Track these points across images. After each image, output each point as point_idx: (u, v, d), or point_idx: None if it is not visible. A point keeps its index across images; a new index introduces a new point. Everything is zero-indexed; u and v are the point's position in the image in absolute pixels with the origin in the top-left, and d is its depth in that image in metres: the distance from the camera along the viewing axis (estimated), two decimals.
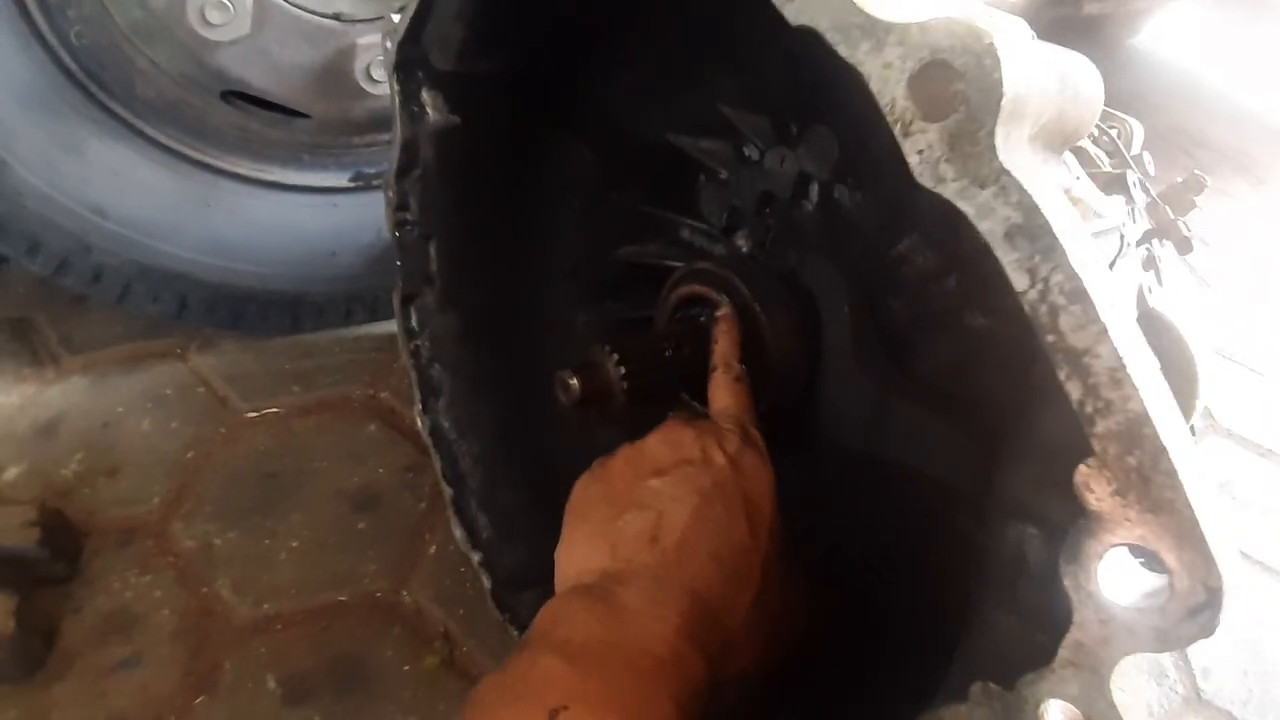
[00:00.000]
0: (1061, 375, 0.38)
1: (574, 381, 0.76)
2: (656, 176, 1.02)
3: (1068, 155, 0.88)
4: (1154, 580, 0.37)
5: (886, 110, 0.41)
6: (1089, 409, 0.37)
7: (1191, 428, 1.13)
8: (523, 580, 1.01)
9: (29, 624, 1.06)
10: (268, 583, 1.13)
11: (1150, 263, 1.15)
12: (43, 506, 1.14)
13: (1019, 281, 0.38)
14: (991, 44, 0.37)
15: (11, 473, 1.27)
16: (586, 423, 1.06)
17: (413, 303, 1.04)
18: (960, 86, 0.38)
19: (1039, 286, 0.38)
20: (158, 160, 1.24)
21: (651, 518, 0.67)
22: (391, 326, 1.43)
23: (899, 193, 0.80)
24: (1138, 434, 0.37)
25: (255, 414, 1.35)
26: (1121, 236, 0.84)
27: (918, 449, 0.77)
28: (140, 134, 1.22)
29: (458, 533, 1.03)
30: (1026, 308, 0.39)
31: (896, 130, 0.41)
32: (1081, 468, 0.38)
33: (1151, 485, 0.37)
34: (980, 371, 0.75)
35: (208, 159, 1.27)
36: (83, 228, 1.23)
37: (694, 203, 1.01)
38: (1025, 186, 0.38)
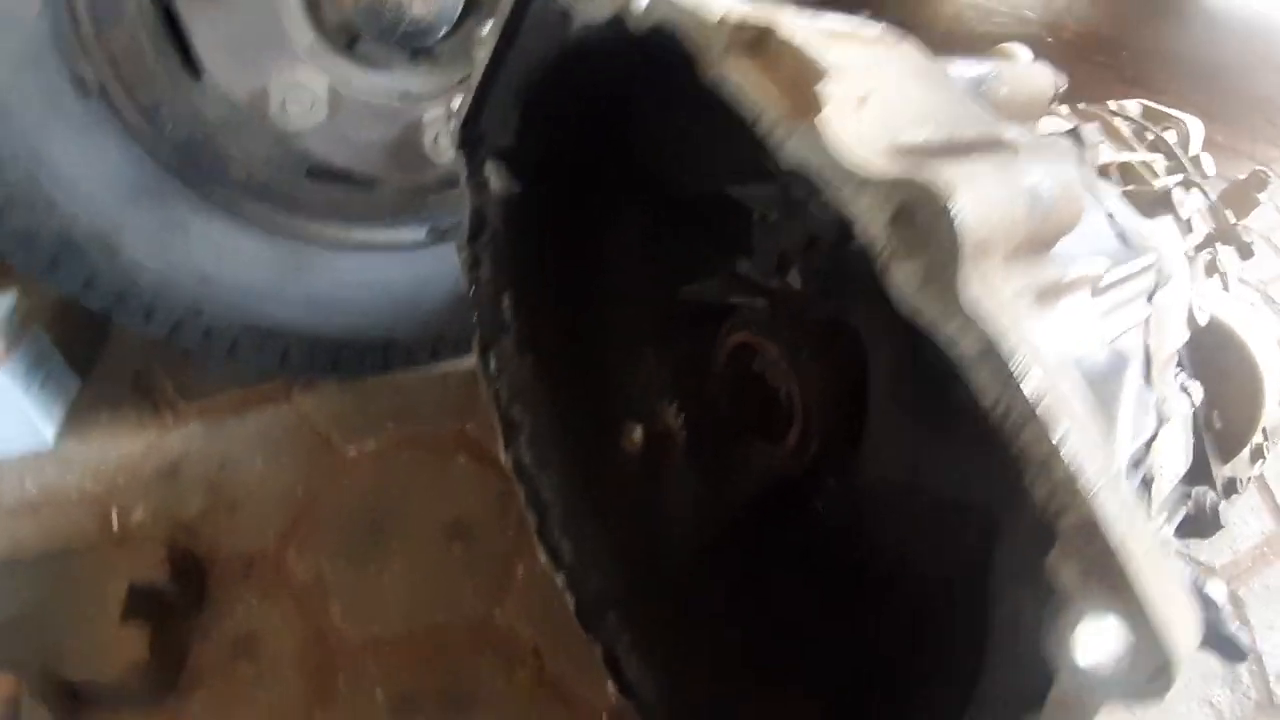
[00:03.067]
0: (1028, 478, 0.44)
1: (636, 431, 0.83)
2: (711, 220, 1.07)
3: (1101, 184, 0.92)
4: (1125, 645, 0.43)
5: (871, 245, 0.47)
6: (1053, 507, 0.44)
7: (1264, 432, 1.13)
8: (605, 601, 1.07)
9: (162, 651, 1.15)
10: (374, 607, 1.23)
11: (1213, 268, 1.15)
12: (172, 544, 1.25)
13: (988, 398, 0.45)
14: (947, 206, 0.43)
15: (139, 513, 1.40)
16: (659, 456, 1.14)
17: (491, 349, 1.12)
18: (925, 235, 0.45)
19: (1004, 404, 0.44)
20: (254, 233, 1.34)
21: None
22: (473, 361, 1.55)
23: None
24: (1093, 531, 0.43)
25: (356, 452, 1.46)
26: (1159, 270, 0.86)
27: (958, 478, 0.82)
28: (236, 211, 1.32)
29: (543, 557, 1.10)
30: (995, 421, 0.45)
31: (879, 263, 0.47)
32: (1052, 553, 0.44)
33: (1109, 571, 0.43)
34: None
35: (298, 228, 1.37)
36: (192, 295, 1.33)
37: (747, 242, 1.07)
38: (986, 325, 0.44)
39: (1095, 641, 0.43)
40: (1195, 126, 1.23)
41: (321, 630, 1.22)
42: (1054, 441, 0.43)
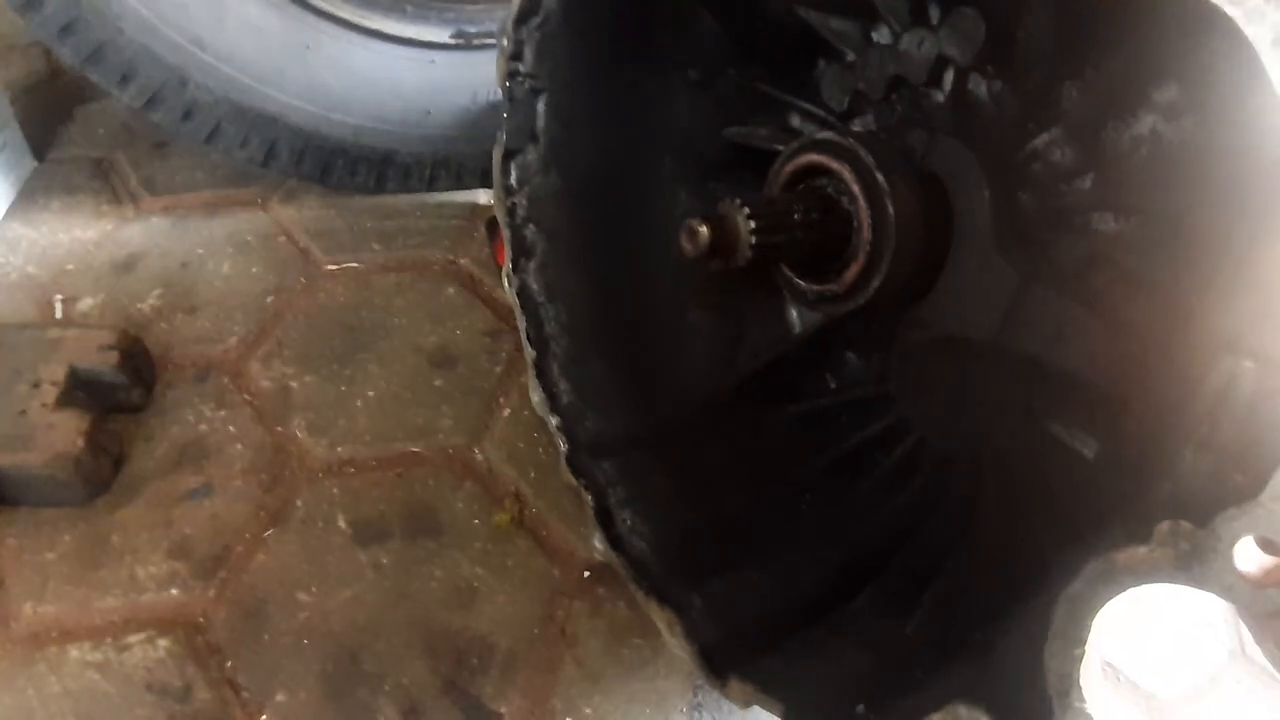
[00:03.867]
0: None
1: (703, 229, 0.74)
2: (777, 54, 0.98)
3: None
4: None
5: None
6: None
7: None
8: (602, 448, 0.99)
9: (98, 445, 1.05)
10: (343, 427, 1.13)
11: None
12: (122, 333, 1.13)
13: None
14: None
15: (87, 303, 1.28)
16: (678, 302, 1.06)
17: (514, 159, 1.01)
18: None
19: None
20: None
21: None
22: (473, 196, 1.44)
23: (1044, 85, 0.77)
24: None
25: (335, 267, 1.34)
26: None
27: (1052, 338, 0.75)
28: None
29: (536, 396, 1.00)
30: None
31: None
32: None
33: None
34: (1104, 274, 0.74)
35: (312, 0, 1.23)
36: (180, 60, 1.20)
37: (812, 85, 0.97)
38: None
39: None
40: None
41: (281, 444, 1.11)
42: None
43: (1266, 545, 0.39)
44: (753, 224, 0.75)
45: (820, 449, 1.00)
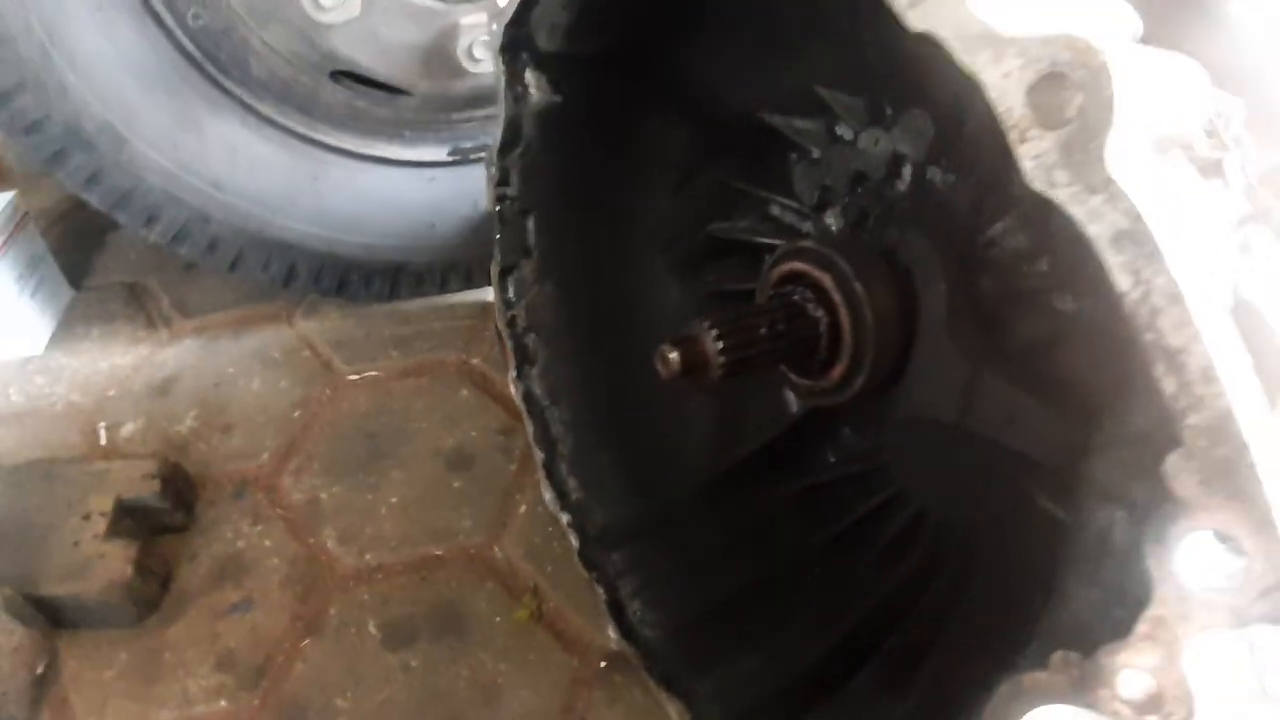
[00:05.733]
0: (1157, 371, 0.40)
1: (673, 355, 0.78)
2: (749, 153, 1.03)
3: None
4: (1232, 563, 0.40)
5: (1003, 117, 0.43)
6: (1181, 404, 0.40)
7: None
8: (611, 540, 1.04)
9: (146, 570, 1.11)
10: (370, 535, 1.19)
11: (1246, 249, 1.11)
12: (163, 460, 1.20)
13: (1122, 282, 0.41)
14: (1105, 63, 0.39)
15: (129, 428, 1.36)
16: (678, 391, 1.10)
17: (510, 274, 1.07)
18: (1076, 99, 0.41)
19: (1141, 288, 0.40)
20: (271, 137, 1.29)
21: None
22: (483, 294, 1.51)
23: (992, 176, 0.81)
24: (1225, 429, 0.39)
25: (357, 376, 1.41)
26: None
27: (1004, 423, 0.78)
28: (254, 112, 1.27)
29: (548, 495, 1.05)
30: (1127, 307, 0.41)
31: (1012, 136, 0.43)
32: (1171, 457, 0.40)
33: (1234, 477, 0.39)
34: (1067, 352, 0.77)
35: (317, 135, 1.32)
36: (200, 200, 1.28)
37: (786, 180, 1.02)
38: (1132, 195, 0.40)
39: (1203, 558, 0.40)
40: (1239, 108, 1.18)
41: (314, 556, 1.17)
42: (1195, 328, 0.39)
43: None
44: (720, 344, 0.79)
45: (822, 525, 1.02)
